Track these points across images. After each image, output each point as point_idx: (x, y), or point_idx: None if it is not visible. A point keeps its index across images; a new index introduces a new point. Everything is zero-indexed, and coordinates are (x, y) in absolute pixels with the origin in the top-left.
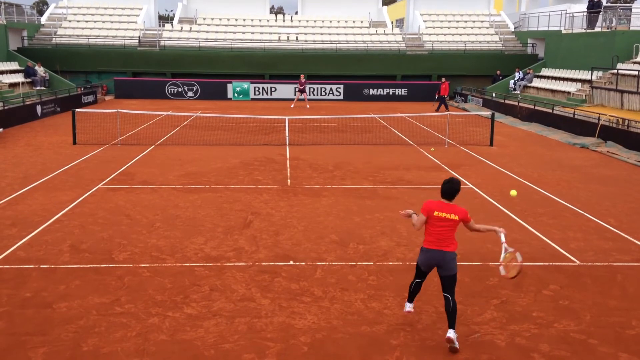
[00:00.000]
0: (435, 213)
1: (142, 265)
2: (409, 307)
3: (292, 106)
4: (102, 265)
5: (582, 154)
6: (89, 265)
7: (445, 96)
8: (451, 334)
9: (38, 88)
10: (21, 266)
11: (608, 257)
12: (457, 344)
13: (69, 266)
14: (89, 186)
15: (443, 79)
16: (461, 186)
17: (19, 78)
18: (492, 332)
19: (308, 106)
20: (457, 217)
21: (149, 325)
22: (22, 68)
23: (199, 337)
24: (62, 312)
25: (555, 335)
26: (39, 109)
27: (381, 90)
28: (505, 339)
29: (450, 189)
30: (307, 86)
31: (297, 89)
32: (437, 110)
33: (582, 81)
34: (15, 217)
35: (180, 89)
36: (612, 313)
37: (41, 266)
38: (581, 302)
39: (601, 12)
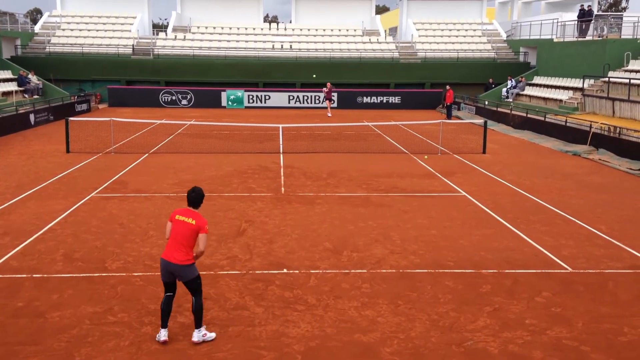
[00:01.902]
0: (177, 217)
1: (136, 274)
2: (163, 335)
3: (329, 115)
4: (95, 274)
5: (574, 162)
6: (82, 275)
7: (450, 104)
8: (195, 335)
9: (32, 97)
10: (14, 275)
11: (600, 264)
12: (197, 339)
13: (62, 275)
14: (82, 195)
15: (447, 87)
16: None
17: (12, 86)
18: (485, 340)
19: (330, 114)
20: (194, 222)
21: (142, 334)
22: (16, 77)
23: (193, 346)
24: (55, 322)
25: (548, 342)
26: (32, 117)
27: (375, 98)
28: (498, 346)
29: (196, 197)
30: (323, 94)
31: (324, 98)
32: (448, 118)
33: (574, 89)
34: (8, 226)
35: (174, 97)
36: (604, 320)
37: (34, 275)
38: (573, 309)
39: (592, 21)
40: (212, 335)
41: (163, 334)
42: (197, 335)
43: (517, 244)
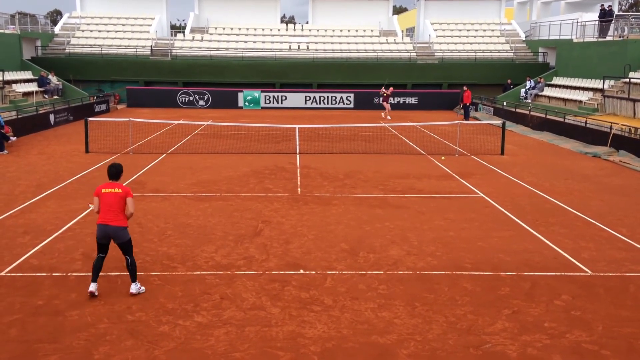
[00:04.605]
0: (103, 190)
1: (153, 273)
2: (93, 287)
3: (388, 117)
4: (113, 274)
5: (594, 163)
6: (100, 273)
7: (468, 104)
8: (133, 288)
9: (52, 97)
10: (34, 274)
11: (621, 267)
12: (135, 291)
13: (81, 274)
14: None
15: (465, 87)
16: None
17: (32, 87)
18: (504, 343)
19: (389, 117)
20: (120, 191)
21: (159, 333)
22: (36, 77)
23: (210, 346)
24: (74, 320)
25: (567, 346)
26: (52, 117)
27: (392, 98)
28: (517, 350)
29: (116, 171)
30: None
31: (382, 100)
32: (466, 119)
33: (594, 90)
34: (28, 225)
35: (191, 98)
36: (624, 324)
37: (53, 274)
38: (593, 313)
39: (613, 21)
40: (143, 288)
41: (93, 286)
42: (134, 288)
43: (536, 247)
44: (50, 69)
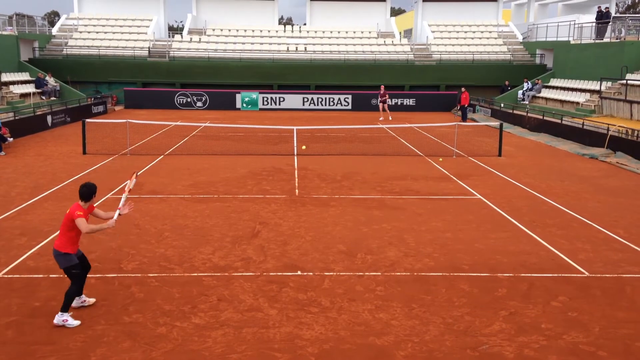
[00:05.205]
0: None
1: (151, 274)
2: (74, 302)
3: (381, 119)
4: (110, 275)
5: (591, 165)
6: (97, 275)
7: (466, 106)
8: (56, 318)
9: (49, 99)
10: (31, 275)
11: (617, 268)
12: (57, 322)
13: None
14: (98, 196)
15: (462, 89)
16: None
17: (30, 88)
18: (501, 344)
19: (390, 118)
20: (68, 210)
21: (156, 335)
22: (33, 79)
23: (207, 348)
24: None
25: (564, 347)
26: (49, 119)
27: (389, 100)
28: (514, 351)
29: (83, 190)
30: (386, 98)
31: (379, 101)
32: (464, 120)
33: (591, 91)
34: (25, 226)
35: (189, 99)
36: (621, 325)
37: (50, 275)
38: (590, 314)
39: (610, 23)
40: (74, 323)
41: (75, 302)
42: (57, 318)
43: (533, 248)
44: (47, 71)
